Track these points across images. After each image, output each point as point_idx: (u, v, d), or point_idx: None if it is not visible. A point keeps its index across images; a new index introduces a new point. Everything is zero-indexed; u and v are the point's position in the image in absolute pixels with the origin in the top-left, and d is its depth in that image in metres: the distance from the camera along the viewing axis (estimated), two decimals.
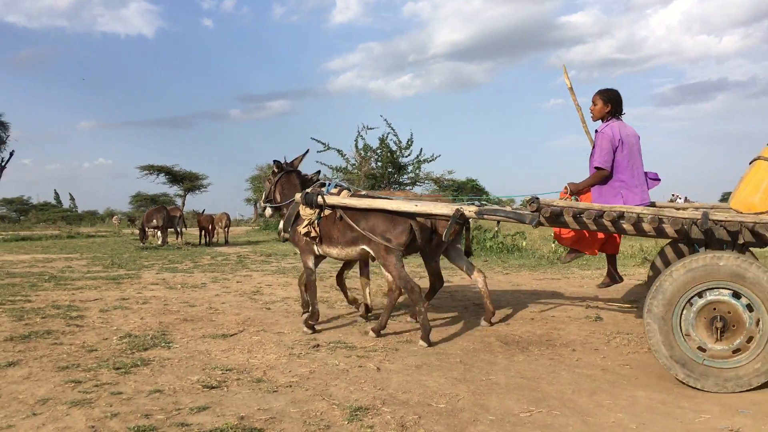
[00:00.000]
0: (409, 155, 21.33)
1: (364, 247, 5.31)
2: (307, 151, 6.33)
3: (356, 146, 21.31)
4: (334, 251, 5.53)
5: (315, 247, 5.59)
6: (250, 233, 30.27)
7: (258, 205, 7.50)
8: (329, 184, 5.65)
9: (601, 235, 5.13)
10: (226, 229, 21.76)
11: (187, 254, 15.08)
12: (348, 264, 6.44)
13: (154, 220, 19.63)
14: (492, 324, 5.94)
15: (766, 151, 4.34)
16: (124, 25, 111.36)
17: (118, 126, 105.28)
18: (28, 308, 6.42)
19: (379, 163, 21.14)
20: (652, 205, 5.16)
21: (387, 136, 21.02)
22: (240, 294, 7.68)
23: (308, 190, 5.65)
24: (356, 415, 3.37)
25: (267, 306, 6.85)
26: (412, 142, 21.07)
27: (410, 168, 21.45)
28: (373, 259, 5.63)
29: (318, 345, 4.99)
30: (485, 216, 4.90)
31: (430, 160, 21.23)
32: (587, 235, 5.09)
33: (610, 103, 5.11)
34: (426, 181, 23.12)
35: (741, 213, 4.23)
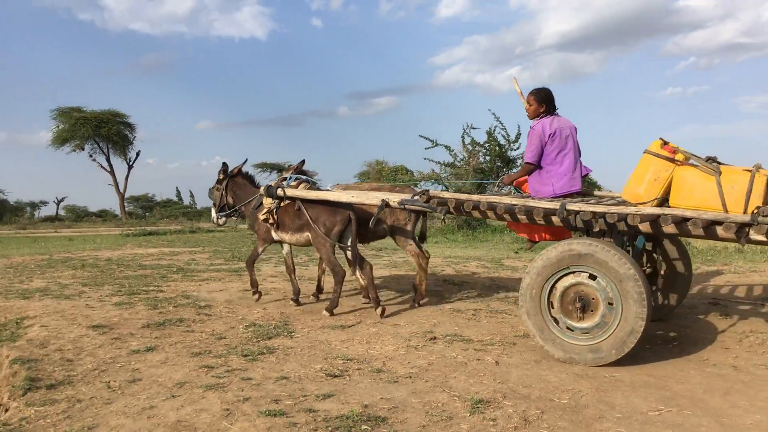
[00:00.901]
0: (517, 149, 20.96)
1: (308, 234, 6.15)
2: (245, 161, 7.02)
3: (463, 141, 21.21)
4: (287, 236, 6.39)
5: (273, 234, 6.43)
6: None
7: (212, 217, 7.68)
8: (290, 178, 6.40)
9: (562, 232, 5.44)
10: None
11: (300, 249, 15.52)
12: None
13: None
14: (419, 305, 6.50)
15: (653, 146, 4.69)
16: (238, 28, 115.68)
17: (233, 126, 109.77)
18: (161, 298, 6.84)
19: (488, 158, 20.93)
20: (583, 194, 5.52)
21: (494, 130, 20.78)
22: (355, 287, 7.83)
23: (271, 183, 6.40)
24: (478, 407, 3.37)
25: (382, 298, 6.95)
26: (520, 135, 20.71)
27: (519, 162, 21.10)
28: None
29: (435, 338, 5.03)
30: (406, 206, 5.55)
31: None
32: (528, 224, 5.27)
33: (544, 103, 5.42)
34: None
35: (628, 203, 4.68)
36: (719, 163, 4.51)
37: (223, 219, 7.00)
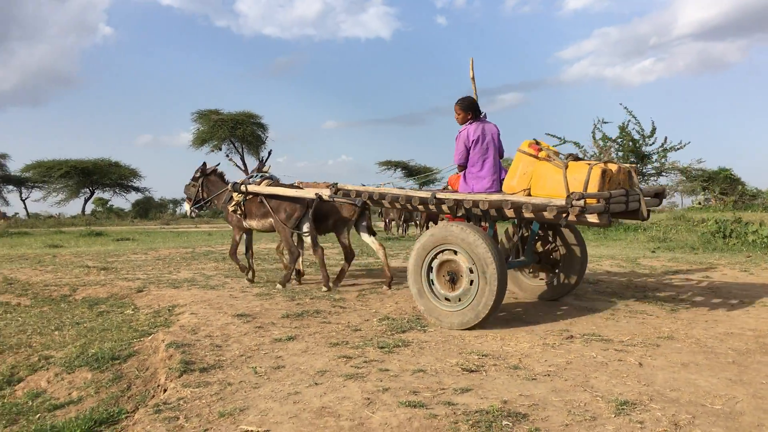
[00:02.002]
0: (652, 144, 19.98)
1: (271, 220, 7.43)
2: (218, 164, 8.23)
3: (594, 137, 20.47)
4: (254, 223, 7.66)
5: (243, 222, 7.70)
6: None
7: (183, 207, 8.23)
8: (255, 176, 7.80)
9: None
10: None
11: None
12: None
13: (392, 213, 20.62)
14: (390, 287, 7.33)
15: (523, 145, 5.47)
16: (364, 29, 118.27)
17: (358, 124, 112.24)
18: (298, 290, 7.11)
19: (620, 153, 20.10)
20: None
21: (627, 125, 19.91)
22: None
23: (238, 180, 7.73)
24: (623, 409, 3.25)
25: (513, 295, 6.86)
26: (655, 130, 19.73)
27: (654, 157, 20.10)
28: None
29: (572, 336, 4.90)
30: (335, 199, 6.67)
31: (678, 149, 19.70)
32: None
33: (469, 111, 5.96)
34: (672, 171, 21.53)
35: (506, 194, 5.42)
36: (579, 159, 5.34)
37: (196, 211, 8.23)
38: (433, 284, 5.49)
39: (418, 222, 21.09)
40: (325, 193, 6.78)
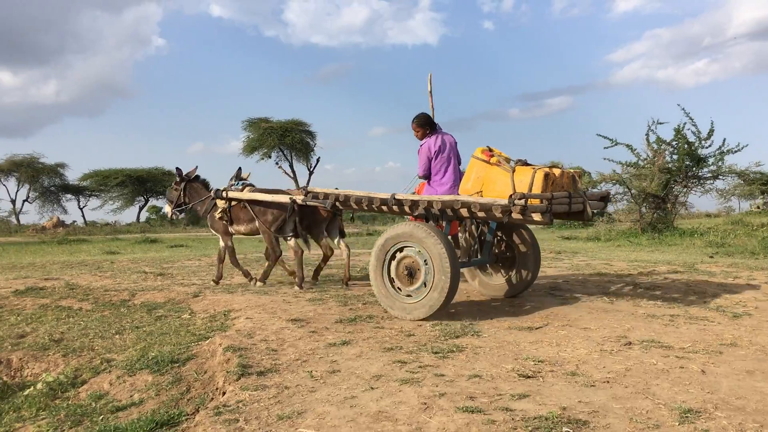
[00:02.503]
0: (709, 146, 19.43)
1: (257, 223, 7.88)
2: (196, 167, 8.57)
3: (647, 140, 20.04)
4: (241, 228, 8.10)
5: (229, 228, 8.13)
6: (534, 231, 30.15)
7: (164, 211, 8.50)
8: (237, 183, 8.18)
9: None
10: None
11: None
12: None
13: None
14: (348, 285, 8.10)
15: (477, 151, 6.02)
16: (411, 35, 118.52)
17: (405, 131, 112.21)
18: (350, 295, 7.14)
19: (675, 156, 19.62)
20: None
21: (683, 127, 19.42)
22: (539, 289, 7.69)
23: (221, 188, 8.06)
24: (687, 417, 3.17)
25: (568, 301, 6.76)
26: (713, 131, 19.19)
27: (711, 160, 19.54)
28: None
29: (630, 342, 4.80)
30: (309, 202, 7.04)
31: (735, 151, 19.11)
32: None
33: (426, 126, 6.62)
34: (729, 175, 20.93)
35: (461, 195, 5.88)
36: (528, 164, 5.81)
37: (177, 215, 8.59)
38: (392, 277, 6.04)
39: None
40: (299, 198, 7.34)
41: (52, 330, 5.99)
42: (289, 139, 51.00)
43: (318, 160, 55.77)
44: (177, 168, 8.56)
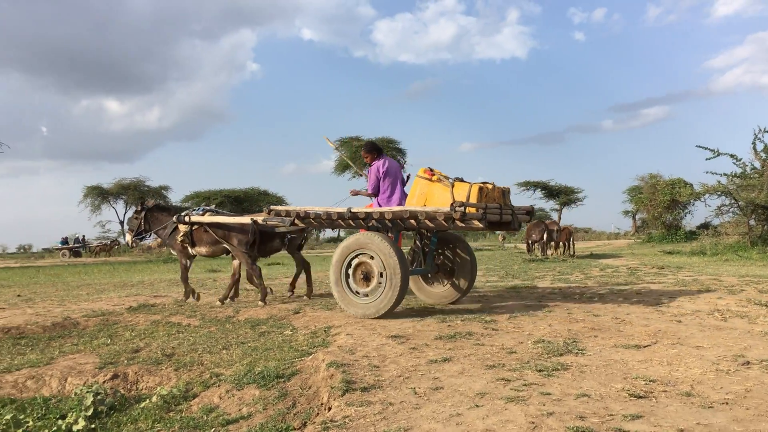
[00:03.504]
0: None
1: (221, 246, 8.51)
2: (156, 200, 8.42)
3: (754, 149, 19.04)
4: (203, 250, 8.68)
5: (189, 250, 8.69)
6: (634, 246, 29.11)
7: (125, 237, 8.77)
8: (197, 209, 8.79)
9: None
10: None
11: (574, 266, 15.14)
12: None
13: (534, 234, 20.22)
14: (292, 293, 9.37)
15: (420, 171, 6.93)
16: (499, 50, 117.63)
17: (494, 146, 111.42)
18: (448, 312, 7.12)
19: None
20: None
21: None
22: (644, 305, 7.42)
23: (183, 213, 8.66)
24: None
25: (677, 318, 6.48)
26: None
27: None
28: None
29: (748, 362, 4.54)
30: (268, 222, 7.74)
31: None
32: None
33: (374, 151, 7.76)
34: None
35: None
36: (463, 181, 6.74)
37: (137, 241, 9.12)
38: (349, 280, 6.89)
39: (554, 243, 20.53)
40: (260, 218, 7.95)
41: (163, 345, 6.27)
42: None
43: (408, 177, 55.80)
44: (141, 197, 9.17)
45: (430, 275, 8.15)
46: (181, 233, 8.59)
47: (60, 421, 4.54)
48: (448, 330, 6.00)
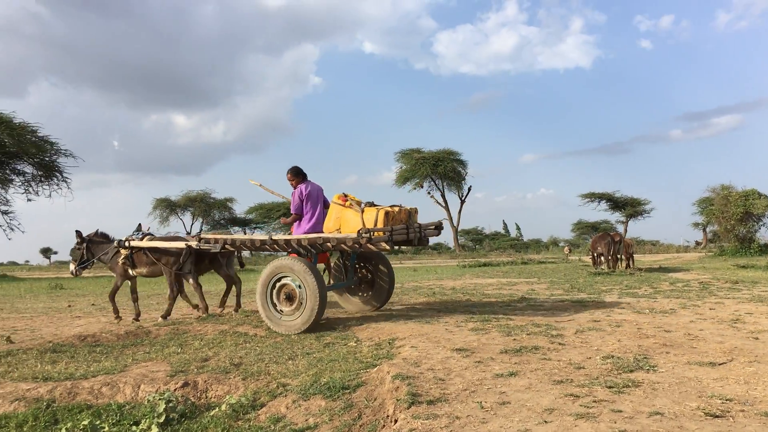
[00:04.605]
0: None
1: (158, 266, 9.15)
2: (97, 230, 9.70)
3: None
4: (144, 270, 9.32)
5: (129, 271, 9.36)
6: (704, 260, 28.13)
7: (70, 267, 8.95)
8: (137, 234, 9.41)
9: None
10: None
11: (642, 280, 14.74)
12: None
13: (599, 247, 19.79)
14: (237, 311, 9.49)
15: (335, 197, 7.70)
16: (562, 59, 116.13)
17: (557, 156, 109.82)
18: (512, 325, 7.03)
19: None
20: None
21: None
22: (718, 321, 7.17)
23: (124, 238, 9.32)
24: None
25: (753, 335, 6.24)
26: None
27: None
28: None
29: None
30: (203, 246, 8.58)
31: None
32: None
33: (298, 176, 8.27)
34: None
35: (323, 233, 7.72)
36: (375, 205, 7.51)
37: (81, 271, 9.56)
38: (274, 300, 7.69)
39: (620, 256, 20.04)
40: (194, 243, 8.73)
41: (231, 354, 6.39)
42: (441, 169, 51.49)
43: (469, 189, 55.71)
44: (77, 231, 9.65)
45: (353, 287, 9.07)
46: (122, 256, 9.31)
47: (134, 427, 4.68)
48: (513, 344, 5.93)
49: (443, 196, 55.52)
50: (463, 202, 56.19)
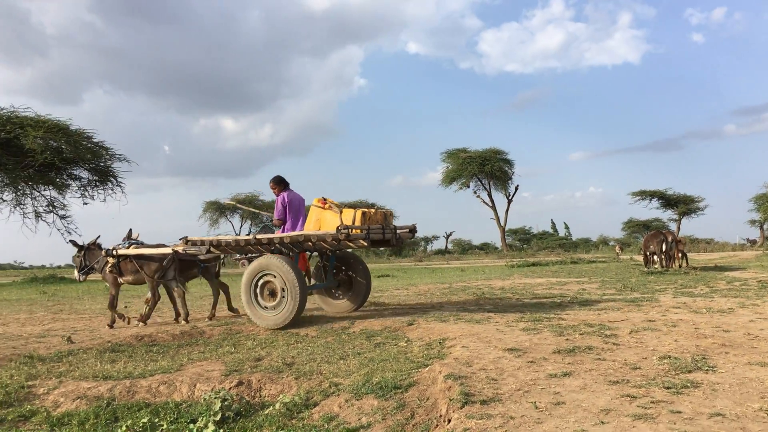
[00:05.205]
0: None
1: (141, 274, 9.33)
2: (98, 236, 9.99)
3: None
4: (130, 278, 9.52)
5: (118, 279, 9.52)
6: (762, 258, 27.28)
7: (75, 274, 9.17)
8: (124, 243, 9.56)
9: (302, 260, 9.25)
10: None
11: (697, 279, 14.38)
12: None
13: (652, 246, 19.37)
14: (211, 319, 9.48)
15: (315, 201, 8.23)
16: (610, 55, 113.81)
17: (606, 154, 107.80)
18: (564, 325, 6.94)
19: None
20: None
21: None
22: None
23: (111, 247, 9.49)
24: None
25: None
26: None
27: None
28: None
29: None
30: (186, 251, 8.90)
31: None
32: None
33: (280, 184, 8.95)
34: None
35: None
36: (352, 207, 8.06)
37: (84, 276, 9.95)
38: (258, 296, 8.19)
39: (672, 254, 19.56)
40: (180, 249, 8.98)
41: (284, 354, 6.47)
42: (488, 168, 51.16)
43: (516, 188, 55.22)
44: (71, 240, 10.15)
45: (333, 289, 9.54)
46: (110, 264, 9.54)
47: (191, 425, 4.77)
48: (566, 344, 5.86)
49: (490, 195, 55.16)
50: (510, 201, 55.72)
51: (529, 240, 71.47)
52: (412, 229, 8.81)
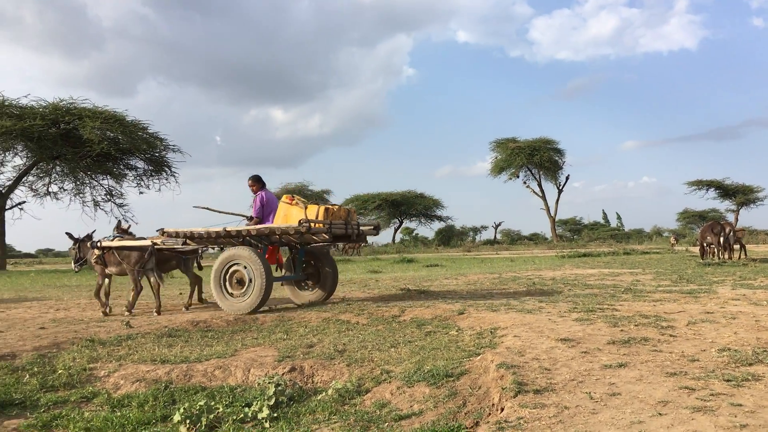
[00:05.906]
0: None
1: (123, 265, 9.72)
2: (94, 231, 10.48)
3: None
4: (114, 269, 9.93)
5: (106, 270, 9.94)
6: None
7: (73, 266, 9.36)
8: (109, 236, 10.15)
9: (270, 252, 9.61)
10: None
11: (756, 270, 13.95)
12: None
13: (708, 237, 18.89)
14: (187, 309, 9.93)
15: (283, 198, 9.00)
16: (666, 41, 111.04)
17: (661, 143, 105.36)
18: (618, 316, 6.83)
19: None
20: None
21: None
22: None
23: (96, 240, 9.96)
24: None
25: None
26: None
27: None
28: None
29: None
30: (165, 244, 9.49)
31: None
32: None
33: (258, 182, 9.62)
34: None
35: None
36: (318, 204, 8.88)
37: (79, 267, 10.51)
38: (226, 285, 8.83)
39: (730, 245, 19.01)
40: (159, 241, 9.47)
41: (335, 341, 6.54)
42: (537, 158, 50.54)
43: (567, 178, 54.41)
44: (67, 232, 10.50)
45: (302, 282, 10.06)
46: (95, 256, 10.00)
47: (246, 409, 4.87)
48: (621, 335, 5.76)
49: (540, 185, 54.49)
50: (560, 191, 54.93)
51: (580, 230, 70.40)
52: (377, 227, 9.66)
